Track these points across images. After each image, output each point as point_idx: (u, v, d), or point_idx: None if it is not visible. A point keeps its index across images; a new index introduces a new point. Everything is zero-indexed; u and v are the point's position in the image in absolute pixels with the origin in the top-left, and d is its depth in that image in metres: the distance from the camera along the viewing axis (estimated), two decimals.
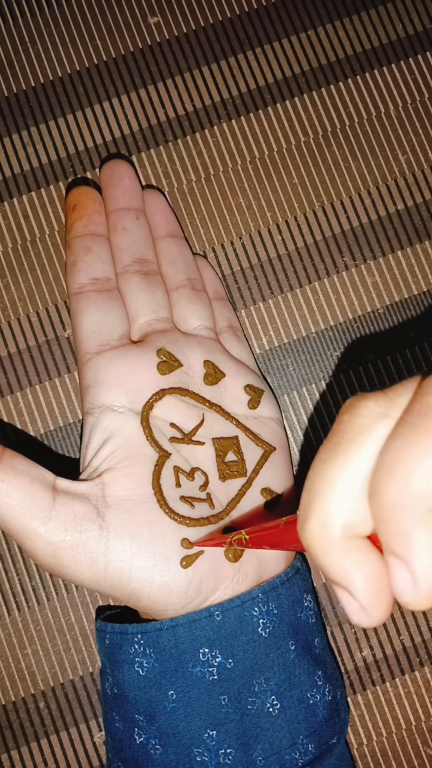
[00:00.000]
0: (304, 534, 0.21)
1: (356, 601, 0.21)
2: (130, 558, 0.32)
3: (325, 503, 0.21)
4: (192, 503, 0.34)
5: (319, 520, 0.21)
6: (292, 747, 0.33)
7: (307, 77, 0.43)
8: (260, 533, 0.29)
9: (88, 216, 0.38)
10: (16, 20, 0.43)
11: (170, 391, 0.36)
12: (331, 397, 0.41)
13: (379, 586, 0.20)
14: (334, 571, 0.21)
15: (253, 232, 0.42)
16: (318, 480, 0.21)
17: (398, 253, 0.42)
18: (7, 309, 0.41)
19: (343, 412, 0.22)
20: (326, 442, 0.22)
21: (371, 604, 0.20)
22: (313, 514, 0.21)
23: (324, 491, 0.21)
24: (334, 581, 0.21)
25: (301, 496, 0.22)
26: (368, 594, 0.20)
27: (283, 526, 0.27)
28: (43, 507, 0.31)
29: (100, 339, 0.36)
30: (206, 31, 0.43)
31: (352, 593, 0.21)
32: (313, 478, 0.21)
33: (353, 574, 0.20)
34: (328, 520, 0.21)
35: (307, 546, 0.21)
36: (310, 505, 0.21)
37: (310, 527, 0.21)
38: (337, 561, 0.21)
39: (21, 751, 0.39)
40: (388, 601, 0.21)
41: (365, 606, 0.21)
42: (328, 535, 0.21)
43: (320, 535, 0.21)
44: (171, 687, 0.33)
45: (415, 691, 0.40)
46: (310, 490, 0.21)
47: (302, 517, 0.21)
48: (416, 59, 0.43)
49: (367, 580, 0.20)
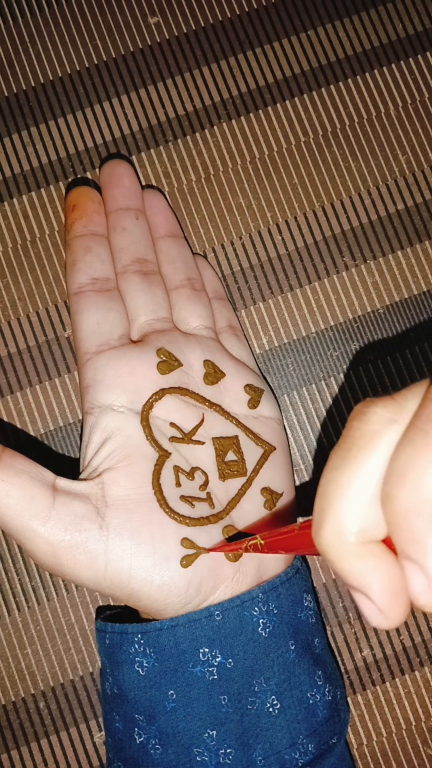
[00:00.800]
0: (319, 540, 0.21)
1: (374, 605, 0.21)
2: (129, 558, 0.32)
3: (338, 510, 0.21)
4: (192, 503, 0.34)
5: (334, 527, 0.21)
6: (292, 747, 0.33)
7: (307, 77, 0.43)
8: (275, 538, 0.29)
9: (88, 216, 0.38)
10: (16, 20, 0.43)
11: (170, 390, 0.36)
12: (331, 397, 0.41)
13: (396, 589, 0.21)
14: (351, 576, 0.21)
15: (253, 232, 0.42)
16: (331, 487, 0.21)
17: (398, 253, 0.42)
18: (7, 309, 0.41)
19: (352, 418, 0.22)
20: (337, 448, 0.22)
21: (389, 607, 0.21)
22: (328, 520, 0.21)
23: (337, 498, 0.21)
24: (352, 586, 0.21)
25: (315, 503, 0.22)
26: (386, 597, 0.21)
27: (298, 531, 0.27)
28: (43, 506, 0.31)
29: (99, 339, 0.36)
30: (206, 31, 0.43)
31: (370, 597, 0.21)
32: (325, 484, 0.21)
33: (370, 578, 0.21)
34: (342, 527, 0.21)
35: (322, 552, 0.22)
36: (324, 511, 0.21)
37: (325, 534, 0.21)
38: (354, 566, 0.21)
39: (21, 751, 0.39)
40: (405, 603, 0.21)
41: (383, 609, 0.21)
42: (343, 541, 0.21)
43: (336, 541, 0.21)
44: (171, 687, 0.33)
45: (415, 691, 0.40)
46: (323, 496, 0.21)
47: (317, 523, 0.22)
48: (416, 59, 0.43)
49: (384, 584, 0.21)
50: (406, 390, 0.21)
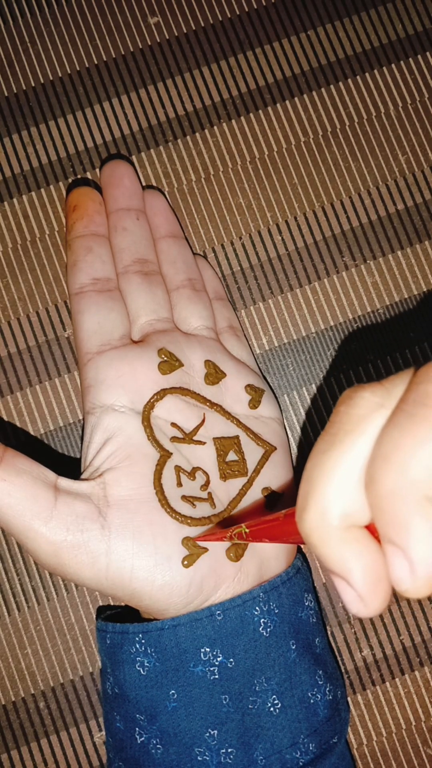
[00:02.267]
0: (302, 524, 0.21)
1: (354, 590, 0.21)
2: (131, 558, 0.32)
3: (323, 493, 0.21)
4: (193, 503, 0.34)
5: (318, 510, 0.21)
6: (293, 746, 0.33)
7: (307, 77, 0.43)
8: (260, 526, 0.29)
9: (89, 216, 0.38)
10: (16, 20, 0.43)
11: (171, 390, 0.36)
12: (331, 397, 0.41)
13: (377, 575, 0.20)
14: (333, 560, 0.21)
15: (253, 232, 0.42)
16: (316, 470, 0.21)
17: (398, 253, 0.42)
18: (7, 309, 0.41)
19: (340, 403, 0.22)
20: (324, 433, 0.22)
21: (369, 593, 0.21)
22: (312, 503, 0.21)
23: (322, 481, 0.21)
24: (333, 571, 0.21)
25: (300, 487, 0.22)
26: (366, 584, 0.20)
27: (283, 519, 0.27)
28: (45, 506, 0.31)
29: (100, 339, 0.36)
30: (206, 31, 0.43)
31: (351, 583, 0.21)
32: (311, 468, 0.21)
33: (351, 563, 0.20)
34: (326, 510, 0.21)
35: (305, 536, 0.21)
36: (309, 494, 0.21)
37: (308, 517, 0.21)
38: (336, 551, 0.21)
39: (21, 751, 0.39)
40: (386, 591, 0.21)
41: (363, 596, 0.21)
42: (326, 525, 0.21)
43: (318, 525, 0.21)
44: (172, 686, 0.33)
45: (415, 691, 0.40)
46: (308, 480, 0.21)
47: (300, 507, 0.21)
48: (416, 59, 0.43)
49: (365, 570, 0.20)
50: (394, 376, 0.21)
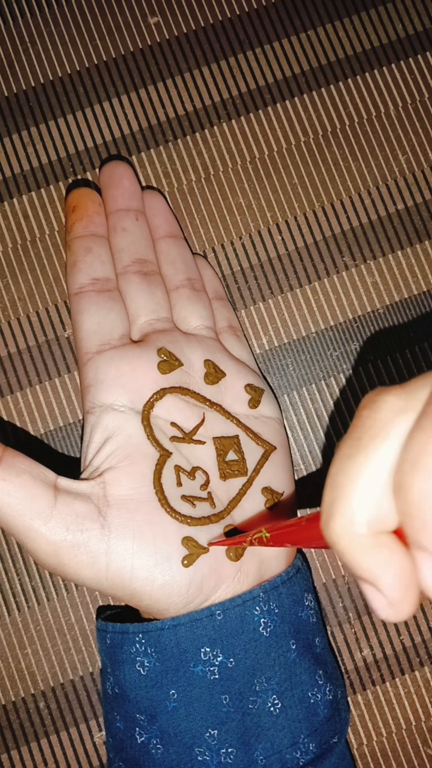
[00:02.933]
0: (329, 531, 0.21)
1: (384, 597, 0.20)
2: (131, 557, 0.32)
3: (349, 499, 0.20)
4: (193, 502, 0.34)
5: (345, 517, 0.20)
6: (294, 746, 0.33)
7: (307, 77, 0.43)
8: (281, 531, 0.29)
9: (88, 217, 0.38)
10: (16, 20, 0.43)
11: (171, 390, 0.36)
12: (331, 397, 0.41)
13: (407, 581, 0.20)
14: (362, 568, 0.20)
15: (253, 232, 0.42)
16: (342, 476, 0.21)
17: (398, 253, 0.42)
18: (7, 309, 0.41)
19: (362, 407, 0.21)
20: (347, 437, 0.21)
21: (400, 599, 0.20)
22: (338, 511, 0.20)
23: (348, 487, 0.20)
24: (362, 578, 0.21)
25: (324, 493, 0.21)
26: (396, 590, 0.20)
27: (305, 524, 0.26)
28: (45, 506, 0.31)
29: (100, 339, 0.36)
30: (206, 31, 0.43)
31: (381, 590, 0.20)
32: (335, 474, 0.21)
33: (381, 570, 0.20)
34: (353, 517, 0.20)
35: (332, 543, 0.21)
36: (335, 501, 0.21)
37: (335, 524, 0.21)
38: (365, 558, 0.20)
39: (21, 751, 0.39)
40: (416, 596, 0.20)
41: (394, 602, 0.20)
42: (353, 532, 0.20)
43: (346, 532, 0.20)
44: (172, 686, 0.33)
45: (415, 691, 0.40)
46: (333, 486, 0.21)
47: (326, 514, 0.21)
48: (416, 59, 0.43)
49: (395, 576, 0.20)
50: (417, 379, 0.21)
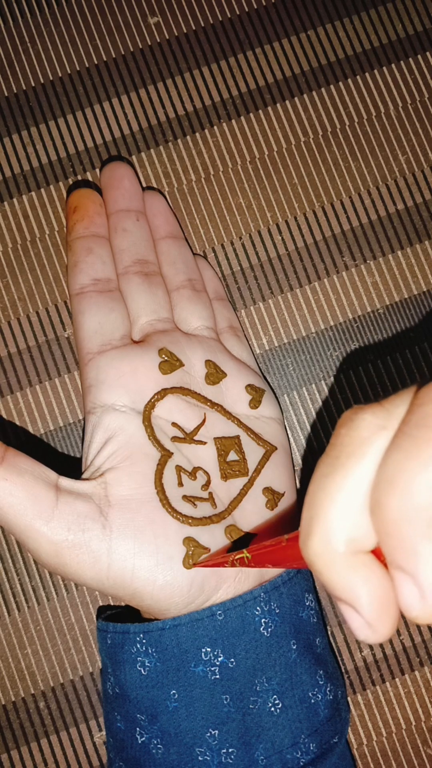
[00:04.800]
0: (306, 550, 0.21)
1: (362, 617, 0.20)
2: (132, 557, 0.32)
3: (327, 518, 0.20)
4: (194, 502, 0.34)
5: (322, 536, 0.20)
6: (294, 746, 0.33)
7: (307, 77, 0.43)
8: (262, 551, 0.29)
9: (89, 218, 0.38)
10: (16, 20, 0.42)
11: (172, 390, 0.36)
12: (331, 397, 0.41)
13: (385, 601, 0.20)
14: (339, 587, 0.20)
15: (253, 232, 0.42)
16: (319, 495, 0.21)
17: (398, 253, 0.42)
18: (7, 309, 0.41)
19: (340, 425, 0.21)
20: (325, 456, 0.21)
21: (377, 620, 0.20)
22: (316, 529, 0.20)
23: (326, 506, 0.20)
24: (339, 598, 0.21)
25: (302, 512, 0.21)
26: (374, 610, 0.20)
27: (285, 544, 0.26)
28: (46, 506, 0.31)
29: (101, 339, 0.36)
30: (206, 31, 0.43)
31: (358, 610, 0.20)
32: (313, 493, 0.21)
33: (359, 590, 0.20)
34: (331, 536, 0.20)
35: (310, 563, 0.21)
36: (312, 520, 0.21)
37: (312, 543, 0.20)
38: (342, 577, 0.20)
39: (21, 751, 0.39)
40: (394, 617, 0.20)
41: (371, 622, 0.20)
42: (331, 551, 0.20)
43: (324, 551, 0.20)
44: (173, 686, 0.33)
45: (415, 691, 0.40)
46: (311, 505, 0.21)
47: (304, 533, 0.21)
48: (416, 59, 0.43)
49: (373, 596, 0.20)
50: (394, 396, 0.21)
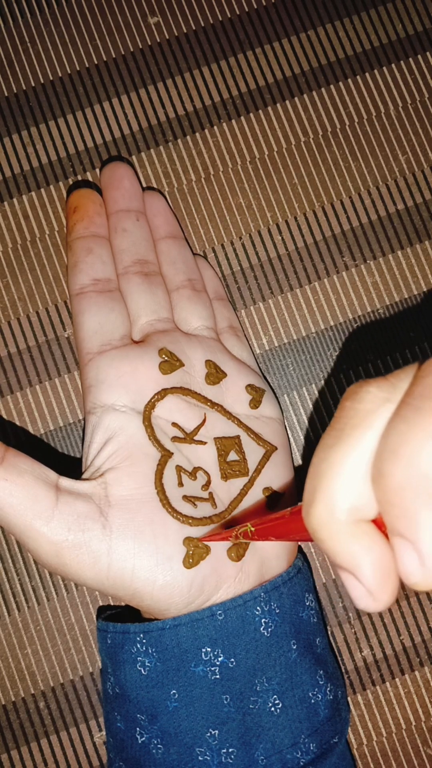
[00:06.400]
0: (309, 519, 0.21)
1: (363, 585, 0.21)
2: (132, 557, 0.32)
3: (330, 487, 0.21)
4: (194, 503, 0.34)
5: (325, 505, 0.21)
6: (294, 746, 0.33)
7: (307, 77, 0.43)
8: (266, 524, 0.29)
9: (89, 218, 0.38)
10: (16, 20, 0.42)
11: (172, 390, 0.36)
12: (331, 397, 0.41)
13: (386, 569, 0.20)
14: (341, 555, 0.21)
15: (253, 232, 0.42)
16: (323, 465, 0.21)
17: (398, 253, 0.42)
18: (7, 309, 0.41)
19: (345, 398, 0.22)
20: (329, 428, 0.22)
21: (378, 588, 0.20)
22: (319, 498, 0.21)
23: (329, 475, 0.21)
24: (341, 566, 0.21)
25: (306, 482, 0.22)
26: (375, 578, 0.20)
27: (289, 516, 0.27)
28: (46, 506, 0.31)
29: (101, 339, 0.36)
30: (206, 31, 0.43)
31: (359, 577, 0.21)
32: (317, 463, 0.21)
33: (360, 558, 0.20)
34: (334, 504, 0.21)
35: (312, 531, 0.21)
36: (316, 489, 0.21)
37: (315, 512, 0.21)
38: (344, 545, 0.21)
39: (21, 751, 0.39)
40: (394, 585, 0.21)
41: (372, 590, 0.21)
42: (334, 519, 0.21)
43: (326, 520, 0.21)
44: (173, 686, 0.33)
45: (415, 691, 0.40)
46: (314, 475, 0.21)
47: (307, 502, 0.21)
48: (416, 59, 0.43)
49: (374, 564, 0.20)
50: (399, 371, 0.21)
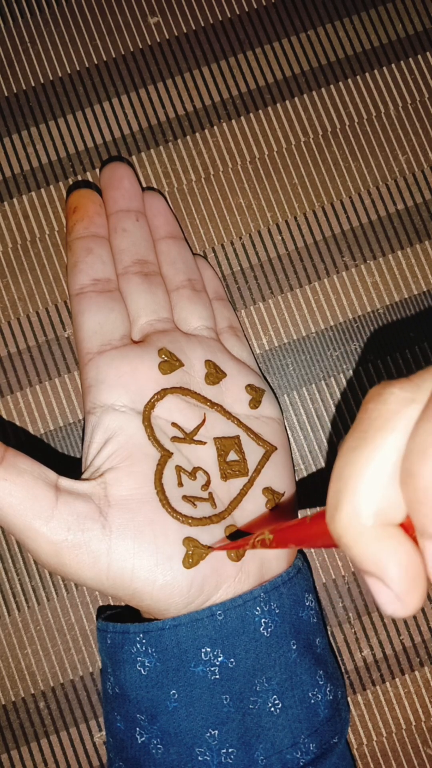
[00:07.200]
0: (334, 524, 0.21)
1: (391, 590, 0.20)
2: (132, 557, 0.32)
3: (356, 491, 0.20)
4: (194, 503, 0.34)
5: (351, 509, 0.20)
6: (294, 746, 0.33)
7: (307, 77, 0.43)
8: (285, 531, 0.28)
9: (89, 218, 0.38)
10: (16, 20, 0.42)
11: (172, 390, 0.36)
12: (331, 397, 0.41)
13: (414, 573, 0.20)
14: (368, 561, 0.20)
15: (253, 232, 0.42)
16: (348, 468, 0.20)
17: (398, 253, 0.42)
18: (7, 309, 0.41)
19: (368, 400, 0.21)
20: (353, 430, 0.21)
21: (406, 593, 0.20)
22: (344, 502, 0.20)
23: (355, 479, 0.20)
24: (368, 571, 0.21)
25: (330, 486, 0.21)
26: (404, 583, 0.20)
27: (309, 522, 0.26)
28: (46, 506, 0.31)
29: (101, 339, 0.36)
30: (206, 31, 0.43)
31: (387, 583, 0.20)
32: (342, 466, 0.21)
33: (388, 563, 0.20)
34: (360, 509, 0.20)
35: (338, 536, 0.21)
36: (341, 493, 0.20)
37: (341, 516, 0.20)
38: (371, 550, 0.20)
39: (21, 751, 0.39)
40: (423, 589, 0.20)
41: (400, 595, 0.20)
42: (360, 524, 0.20)
43: (352, 525, 0.20)
44: (173, 686, 0.33)
45: (415, 691, 0.40)
46: (339, 478, 0.21)
47: (332, 506, 0.21)
48: (416, 59, 0.43)
49: (402, 569, 0.20)
50: (422, 371, 0.21)
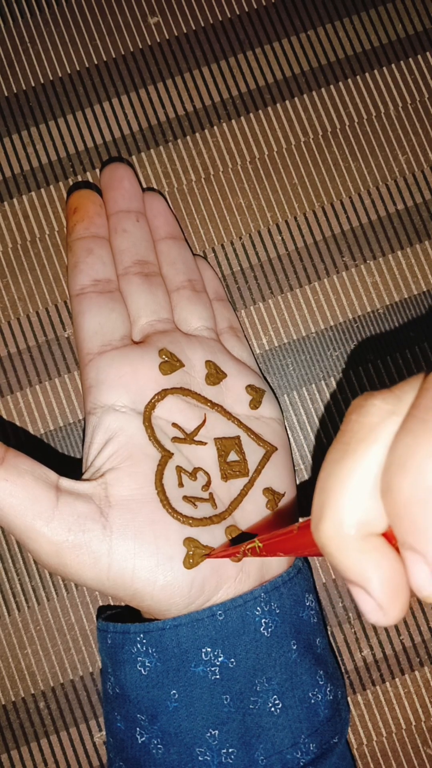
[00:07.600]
0: (318, 534, 0.21)
1: (373, 600, 0.21)
2: (133, 558, 0.32)
3: (339, 502, 0.21)
4: (194, 503, 0.34)
5: (334, 520, 0.21)
6: (294, 746, 0.33)
7: (307, 77, 0.43)
8: (274, 540, 0.29)
9: (89, 218, 0.38)
10: (16, 20, 0.42)
11: (172, 391, 0.36)
12: (331, 397, 0.41)
13: (396, 583, 0.20)
14: (351, 570, 0.21)
15: (253, 232, 0.42)
16: (330, 480, 0.21)
17: (398, 253, 0.42)
18: (7, 309, 0.41)
19: (350, 411, 0.22)
20: (336, 442, 0.22)
21: (389, 602, 0.20)
22: (328, 513, 0.21)
23: (337, 490, 0.21)
24: (351, 581, 0.21)
25: (314, 498, 0.22)
26: (386, 592, 0.20)
27: (297, 532, 0.27)
28: (47, 506, 0.31)
29: (102, 339, 0.36)
30: (206, 31, 0.43)
31: (370, 592, 0.21)
32: (325, 478, 0.21)
33: (370, 572, 0.20)
34: (342, 519, 0.20)
35: (322, 546, 0.21)
36: (324, 505, 0.21)
37: (324, 527, 0.21)
38: (354, 560, 0.21)
39: (21, 751, 0.39)
40: (405, 599, 0.21)
41: (383, 605, 0.20)
42: (343, 535, 0.21)
43: (335, 535, 0.21)
44: (173, 686, 0.33)
45: (415, 691, 0.40)
46: (322, 490, 0.21)
47: (316, 517, 0.21)
48: (416, 59, 0.43)
49: (385, 578, 0.20)
50: (404, 383, 0.21)
